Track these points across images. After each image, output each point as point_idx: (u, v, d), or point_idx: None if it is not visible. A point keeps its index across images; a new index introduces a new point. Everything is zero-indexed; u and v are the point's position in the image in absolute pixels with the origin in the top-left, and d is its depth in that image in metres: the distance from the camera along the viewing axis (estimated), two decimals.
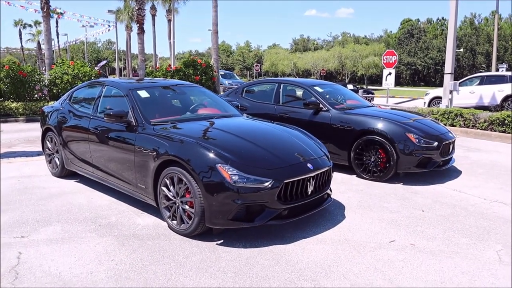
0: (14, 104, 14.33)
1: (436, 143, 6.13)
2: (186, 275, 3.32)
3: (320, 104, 6.83)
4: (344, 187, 5.90)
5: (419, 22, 74.91)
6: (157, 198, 4.29)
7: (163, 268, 3.43)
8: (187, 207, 3.95)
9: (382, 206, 5.10)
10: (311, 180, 4.11)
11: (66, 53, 63.98)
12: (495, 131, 10.72)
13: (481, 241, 4.10)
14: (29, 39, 67.99)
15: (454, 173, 6.80)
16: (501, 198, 5.46)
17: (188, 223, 3.96)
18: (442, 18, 72.70)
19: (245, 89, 8.32)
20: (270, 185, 3.77)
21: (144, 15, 18.95)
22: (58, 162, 6.10)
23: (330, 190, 4.66)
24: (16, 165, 7.09)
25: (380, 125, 6.19)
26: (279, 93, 7.54)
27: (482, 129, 11.01)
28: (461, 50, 56.76)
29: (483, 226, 4.49)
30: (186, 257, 3.64)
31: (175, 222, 4.11)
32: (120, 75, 58.76)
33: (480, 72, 42.36)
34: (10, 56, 78.22)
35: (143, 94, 5.08)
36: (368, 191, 5.75)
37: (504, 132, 10.45)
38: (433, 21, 74.38)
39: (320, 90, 7.23)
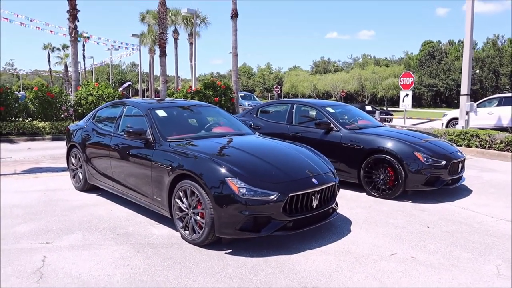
0: (41, 124, 15.02)
1: (444, 162, 6.27)
2: (195, 279, 3.57)
3: (331, 124, 7.08)
4: (353, 203, 6.08)
5: (441, 44, 74.77)
6: (171, 210, 4.58)
7: (174, 273, 3.68)
8: (198, 218, 4.22)
9: (388, 222, 5.26)
10: (316, 195, 4.34)
11: (92, 75, 66.00)
12: (511, 151, 10.71)
13: (482, 256, 4.22)
14: (57, 62, 70.46)
15: (465, 191, 6.90)
16: (508, 217, 5.54)
17: (199, 233, 4.22)
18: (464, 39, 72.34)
19: (260, 109, 8.64)
20: (275, 198, 4.02)
21: (166, 39, 19.67)
22: (81, 177, 6.48)
23: (336, 205, 4.86)
24: (42, 179, 7.51)
25: (389, 144, 6.38)
26: (292, 114, 7.83)
27: (498, 150, 11.02)
28: (477, 71, 56.19)
29: (486, 242, 4.60)
30: (196, 264, 3.89)
31: (187, 232, 4.38)
32: (143, 96, 60.20)
33: (503, 93, 41.85)
34: (39, 78, 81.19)
35: (161, 113, 5.43)
36: (376, 207, 5.91)
37: None
38: (455, 43, 74.08)
39: (331, 110, 7.49)
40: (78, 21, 17.13)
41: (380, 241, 4.58)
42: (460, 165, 6.69)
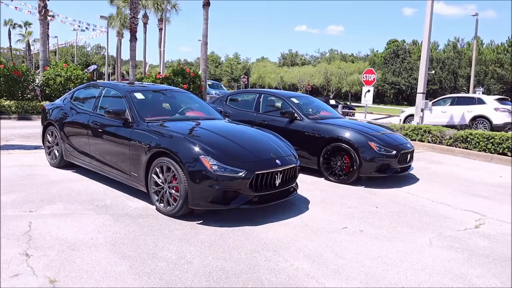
0: (7, 102, 14.87)
1: (394, 152, 6.98)
2: (171, 243, 4.05)
3: (295, 114, 7.65)
4: (312, 187, 6.69)
5: (405, 43, 77.11)
6: (148, 185, 5.01)
7: (151, 238, 4.14)
8: (173, 191, 4.69)
9: (342, 203, 5.89)
10: (278, 174, 4.89)
11: (55, 55, 64.11)
12: (458, 147, 11.67)
13: (420, 231, 4.90)
14: (18, 40, 67.98)
15: (412, 180, 7.65)
16: (447, 201, 6.30)
17: (173, 205, 4.69)
18: None
19: (229, 97, 9.11)
20: (243, 175, 4.54)
21: (137, 23, 19.70)
22: (57, 154, 6.77)
23: (296, 185, 5.45)
24: (16, 156, 7.72)
25: (346, 134, 7.02)
26: (260, 103, 8.35)
27: (447, 145, 11.96)
28: (433, 71, 58.60)
29: (424, 221, 5.30)
30: (170, 231, 4.36)
31: (162, 204, 4.84)
32: (109, 80, 59.01)
33: (458, 93, 43.93)
34: None
35: (139, 96, 5.83)
36: (332, 191, 6.54)
37: (466, 148, 11.40)
38: (418, 43, 76.56)
39: (296, 101, 8.06)
40: None
41: (334, 217, 5.20)
42: (409, 156, 7.43)
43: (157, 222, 4.60)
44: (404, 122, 17.88)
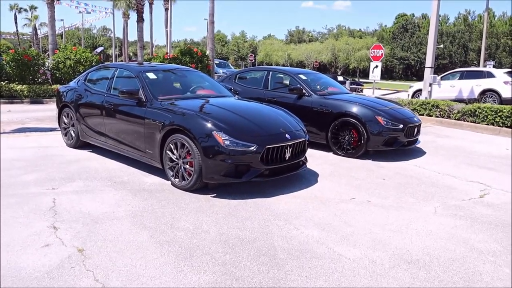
0: (19, 87, 15.12)
1: (401, 126, 7.11)
2: (188, 214, 4.28)
3: (303, 90, 7.78)
4: (320, 160, 6.87)
5: (414, 17, 75.89)
6: (163, 161, 5.23)
7: (169, 210, 4.38)
8: (187, 166, 4.91)
9: (350, 175, 6.08)
10: (288, 148, 5.08)
11: (61, 38, 64.14)
12: (466, 121, 11.72)
13: (425, 201, 5.08)
14: (25, 24, 68.05)
15: (419, 153, 7.80)
16: (453, 172, 6.45)
17: (188, 179, 4.91)
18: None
19: (238, 75, 9.25)
20: (254, 149, 4.74)
21: (144, 4, 19.70)
22: (73, 135, 7.00)
23: (305, 159, 5.64)
24: (33, 138, 7.98)
25: (354, 109, 7.15)
26: (268, 80, 8.48)
27: (455, 119, 12.01)
28: (441, 45, 57.74)
29: (430, 191, 5.48)
30: (186, 204, 4.60)
31: (177, 179, 5.06)
32: (116, 62, 58.99)
33: (468, 67, 43.43)
34: (4, 40, 78.13)
35: (151, 75, 6.00)
36: (341, 164, 6.72)
37: (474, 122, 11.46)
38: (428, 17, 75.26)
39: (304, 77, 8.18)
40: None
41: (342, 189, 5.40)
42: (416, 129, 7.55)
43: (173, 196, 4.83)
44: (412, 97, 17.86)
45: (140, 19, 19.08)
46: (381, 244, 3.79)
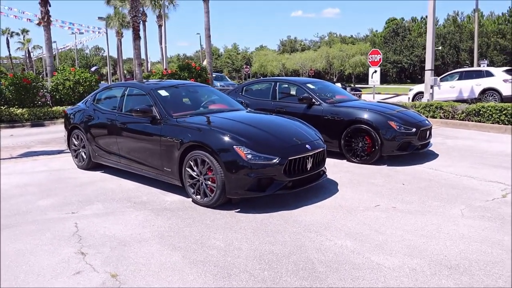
0: (19, 110, 15.05)
1: (414, 129, 7.07)
2: (216, 232, 4.20)
3: (313, 99, 7.75)
4: (336, 169, 6.81)
5: (404, 21, 76.45)
6: (182, 178, 5.15)
7: (196, 229, 4.30)
8: (209, 182, 4.83)
9: (369, 182, 6.02)
10: (309, 158, 5.02)
11: (55, 59, 64.20)
12: (471, 121, 11.72)
13: (449, 204, 5.03)
14: (18, 48, 68.09)
15: (432, 156, 7.76)
16: (470, 173, 6.41)
17: (211, 196, 4.83)
18: (426, 16, 74.19)
19: (244, 88, 9.23)
20: (277, 161, 4.67)
21: (140, 22, 19.73)
22: (84, 156, 6.92)
23: (325, 168, 5.58)
24: (42, 161, 7.89)
25: (365, 115, 7.12)
26: (276, 91, 8.46)
27: (460, 120, 12.02)
28: (440, 47, 58.21)
29: (452, 194, 5.42)
30: (212, 221, 4.51)
31: (199, 196, 4.98)
32: (112, 81, 59.10)
33: (463, 67, 43.73)
34: None
35: (163, 93, 5.95)
36: (357, 171, 6.67)
37: (479, 121, 11.46)
38: (417, 20, 75.93)
39: (312, 86, 8.16)
40: (50, 5, 17.00)
41: (365, 196, 5.33)
42: (428, 132, 7.52)
43: (197, 213, 4.75)
44: (413, 100, 17.90)
45: (137, 37, 19.07)
46: (417, 251, 3.72)
